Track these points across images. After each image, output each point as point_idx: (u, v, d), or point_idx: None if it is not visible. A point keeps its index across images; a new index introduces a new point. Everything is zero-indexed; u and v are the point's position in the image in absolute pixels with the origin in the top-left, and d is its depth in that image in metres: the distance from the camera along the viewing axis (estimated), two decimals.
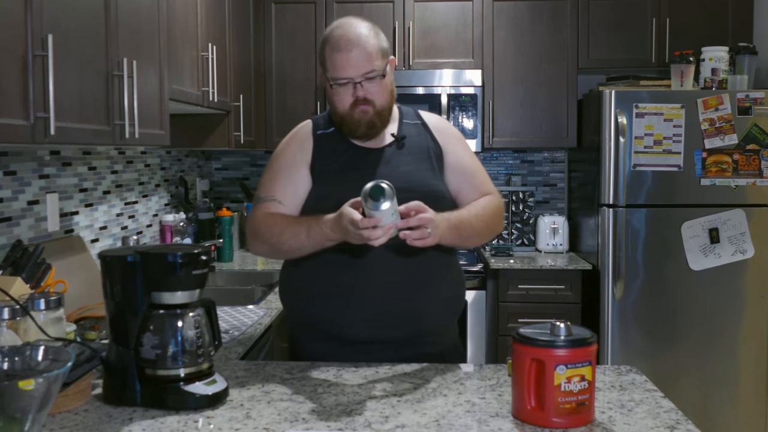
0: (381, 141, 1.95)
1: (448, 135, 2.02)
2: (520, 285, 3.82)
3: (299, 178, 1.92)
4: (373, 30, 1.89)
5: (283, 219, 1.86)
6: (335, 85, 1.87)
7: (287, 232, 1.83)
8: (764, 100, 3.55)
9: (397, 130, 1.97)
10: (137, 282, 1.52)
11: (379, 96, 1.88)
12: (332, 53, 1.86)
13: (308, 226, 1.79)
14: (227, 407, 1.52)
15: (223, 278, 3.59)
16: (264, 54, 4.13)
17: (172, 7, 2.57)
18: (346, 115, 1.88)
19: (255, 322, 2.46)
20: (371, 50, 1.85)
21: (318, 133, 1.98)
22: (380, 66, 1.86)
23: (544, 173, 4.50)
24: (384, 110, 1.90)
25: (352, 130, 1.90)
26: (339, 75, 1.85)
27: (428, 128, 2.01)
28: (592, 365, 1.40)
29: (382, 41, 1.90)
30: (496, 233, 2.02)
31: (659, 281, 3.61)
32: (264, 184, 1.96)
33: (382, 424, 1.42)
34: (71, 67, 1.79)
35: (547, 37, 4.08)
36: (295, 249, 1.85)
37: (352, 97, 1.86)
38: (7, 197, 2.23)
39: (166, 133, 2.48)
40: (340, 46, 1.85)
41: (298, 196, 1.91)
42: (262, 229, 1.88)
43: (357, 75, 1.84)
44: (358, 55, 1.83)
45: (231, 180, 4.57)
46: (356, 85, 1.85)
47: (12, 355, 1.26)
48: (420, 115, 2.04)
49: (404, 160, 1.93)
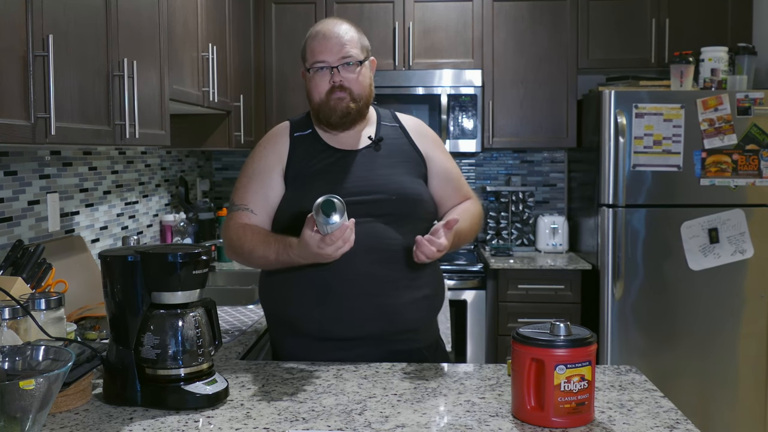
0: (358, 143, 1.97)
1: (428, 139, 2.05)
2: (520, 285, 3.82)
3: (271, 185, 1.94)
4: (353, 27, 1.96)
5: (253, 237, 1.87)
6: (313, 72, 1.92)
7: (257, 251, 1.86)
8: (763, 100, 3.56)
9: (374, 132, 1.99)
10: (137, 282, 1.52)
11: (355, 84, 1.92)
12: (311, 42, 1.94)
13: (276, 249, 1.81)
14: (227, 407, 1.52)
15: (223, 278, 3.59)
16: (264, 54, 4.13)
17: (172, 7, 2.57)
18: (322, 102, 1.92)
19: (255, 322, 2.46)
20: (350, 39, 1.93)
21: (295, 135, 2.00)
22: (357, 54, 1.92)
23: (543, 173, 4.50)
24: (360, 99, 1.93)
25: (327, 116, 1.93)
26: (317, 59, 1.91)
27: (406, 131, 2.03)
28: (592, 365, 1.40)
29: (363, 38, 1.97)
30: (476, 235, 2.11)
31: (659, 281, 3.62)
32: (238, 189, 1.98)
33: (382, 424, 1.42)
34: (72, 68, 1.79)
35: (547, 37, 4.08)
36: (265, 266, 1.92)
37: (329, 83, 1.90)
38: (7, 197, 2.23)
39: (166, 133, 2.48)
40: (320, 35, 1.93)
41: (270, 203, 1.93)
42: (234, 242, 1.91)
43: (334, 60, 1.90)
44: (336, 41, 1.91)
45: (231, 180, 4.56)
46: (333, 69, 1.90)
47: (13, 355, 1.26)
48: (397, 117, 2.07)
49: (381, 163, 1.95)
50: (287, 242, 1.78)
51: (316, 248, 1.67)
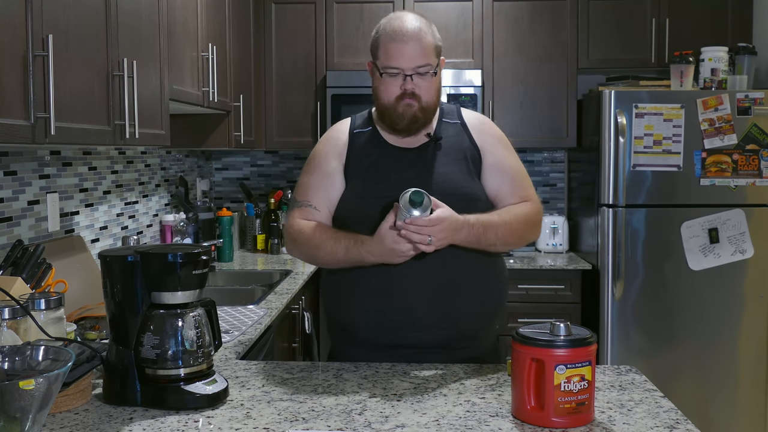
0: (417, 140, 1.93)
1: (488, 136, 1.97)
2: (520, 285, 3.82)
3: (332, 182, 1.92)
4: (429, 26, 1.88)
5: (322, 233, 1.85)
6: (384, 74, 1.85)
7: (325, 246, 1.83)
8: (764, 100, 3.56)
9: (435, 129, 1.94)
10: (137, 282, 1.52)
11: (426, 92, 1.86)
12: (388, 42, 1.84)
13: (346, 245, 1.80)
14: (227, 407, 1.52)
15: (223, 278, 3.59)
16: (264, 54, 4.13)
17: (172, 7, 2.57)
18: (390, 106, 1.86)
19: (255, 322, 2.46)
20: (427, 45, 1.84)
21: (354, 132, 1.97)
22: (433, 62, 1.85)
23: (543, 173, 4.50)
24: (429, 107, 1.88)
25: (393, 122, 1.88)
26: (391, 64, 1.84)
27: (467, 128, 1.96)
28: (592, 365, 1.40)
29: (438, 39, 1.89)
30: (528, 241, 1.97)
31: (659, 281, 3.61)
32: (300, 186, 1.97)
33: (382, 424, 1.42)
34: (71, 67, 1.79)
35: (547, 37, 4.08)
36: (330, 263, 1.88)
37: (400, 89, 1.84)
38: (7, 197, 2.23)
39: (166, 133, 2.48)
40: (396, 36, 1.84)
41: (331, 200, 1.91)
42: (300, 239, 1.89)
43: (409, 67, 1.83)
44: (413, 47, 1.83)
45: (231, 180, 4.57)
46: (406, 77, 1.84)
47: (12, 355, 1.26)
48: (461, 114, 2.00)
49: (440, 161, 1.90)
50: (359, 238, 1.77)
51: (391, 243, 1.66)
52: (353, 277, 1.86)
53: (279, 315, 2.71)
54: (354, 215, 1.86)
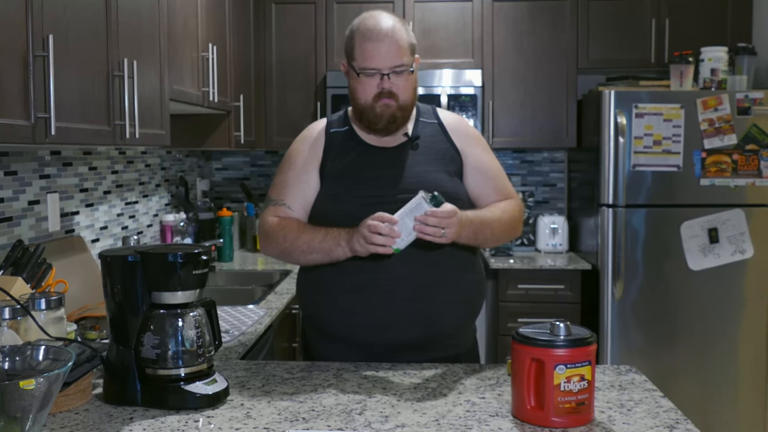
0: (394, 140, 1.93)
1: (466, 137, 1.98)
2: (520, 285, 3.82)
3: (308, 180, 1.92)
4: (403, 25, 1.88)
5: (298, 225, 1.86)
6: (361, 75, 1.85)
7: (302, 237, 1.82)
8: (763, 100, 3.56)
9: (412, 129, 1.95)
10: (138, 282, 1.52)
11: (403, 91, 1.86)
12: (363, 42, 1.84)
13: (326, 230, 1.80)
14: (227, 407, 1.52)
15: (223, 278, 3.59)
16: (264, 54, 4.13)
17: (172, 7, 2.57)
18: (368, 106, 1.87)
19: (255, 322, 2.46)
20: (402, 44, 1.85)
21: (331, 131, 1.97)
22: (409, 61, 1.86)
23: (543, 173, 4.50)
24: (406, 106, 1.88)
25: (372, 122, 1.88)
26: (367, 65, 1.84)
27: (445, 129, 1.97)
28: (592, 365, 1.40)
29: (412, 37, 1.89)
30: (513, 237, 2.00)
31: (659, 281, 3.62)
32: (275, 185, 1.96)
33: (382, 424, 1.42)
34: (72, 68, 1.79)
35: (547, 37, 4.08)
36: (305, 254, 1.84)
37: (377, 88, 1.85)
38: (7, 197, 2.23)
39: (166, 133, 2.48)
40: (372, 35, 1.84)
41: (306, 199, 1.91)
42: (273, 234, 1.88)
43: (385, 67, 1.83)
44: (389, 46, 1.83)
45: (231, 180, 4.57)
46: (383, 77, 1.84)
47: (13, 355, 1.26)
48: (438, 114, 2.01)
49: (418, 161, 1.91)
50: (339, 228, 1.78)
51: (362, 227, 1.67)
52: (328, 274, 1.86)
53: (279, 315, 2.71)
54: (330, 215, 1.85)
